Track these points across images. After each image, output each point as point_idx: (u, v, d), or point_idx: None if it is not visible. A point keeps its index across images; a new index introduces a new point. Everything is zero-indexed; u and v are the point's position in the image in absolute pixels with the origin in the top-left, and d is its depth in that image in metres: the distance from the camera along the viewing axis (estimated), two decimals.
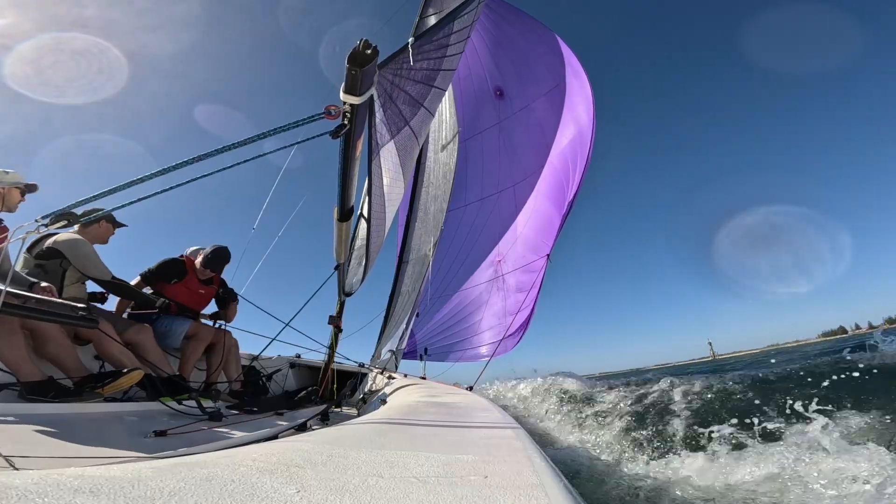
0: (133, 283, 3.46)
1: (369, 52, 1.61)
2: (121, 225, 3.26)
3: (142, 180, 1.51)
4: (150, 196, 1.57)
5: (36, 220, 1.48)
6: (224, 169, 1.66)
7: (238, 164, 1.66)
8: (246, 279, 4.60)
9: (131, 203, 1.57)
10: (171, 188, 1.59)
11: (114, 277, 3.00)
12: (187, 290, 3.63)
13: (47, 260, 2.75)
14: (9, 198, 2.55)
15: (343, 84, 1.67)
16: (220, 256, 3.72)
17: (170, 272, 3.56)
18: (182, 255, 3.79)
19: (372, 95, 1.83)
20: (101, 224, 3.11)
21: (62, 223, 1.51)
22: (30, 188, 2.64)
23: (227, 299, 3.92)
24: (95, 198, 1.51)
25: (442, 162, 8.24)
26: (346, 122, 1.76)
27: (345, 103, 1.71)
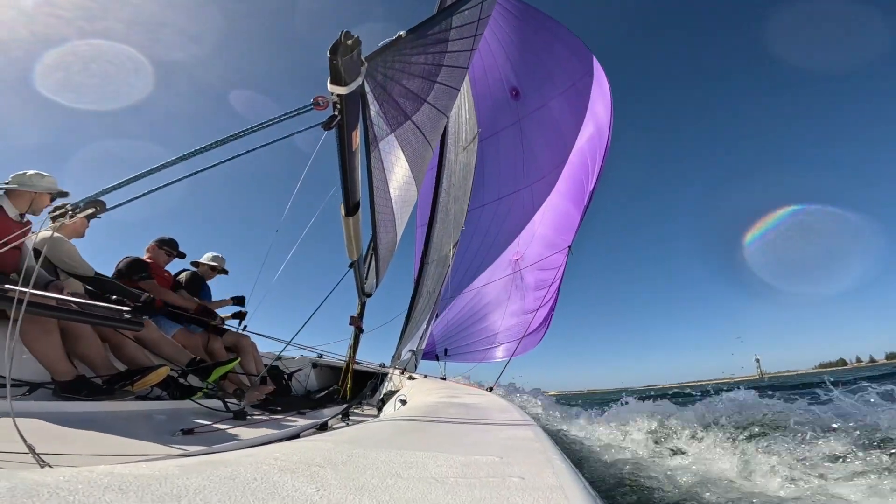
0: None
1: (350, 42, 1.65)
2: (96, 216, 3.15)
3: (121, 183, 1.51)
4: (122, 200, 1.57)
5: (49, 213, 1.51)
6: (212, 167, 1.65)
7: (229, 159, 1.66)
8: (270, 278, 4.66)
9: (121, 204, 1.58)
10: (151, 191, 1.60)
11: (97, 273, 2.93)
12: (161, 284, 3.69)
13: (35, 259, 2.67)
14: (38, 201, 2.60)
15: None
16: (174, 241, 3.89)
17: (143, 268, 3.55)
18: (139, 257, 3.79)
19: (363, 87, 1.85)
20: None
21: (90, 211, 1.53)
22: (62, 195, 2.70)
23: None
24: (101, 194, 1.52)
25: (462, 163, 8.23)
26: (336, 112, 1.79)
27: (332, 94, 1.74)
